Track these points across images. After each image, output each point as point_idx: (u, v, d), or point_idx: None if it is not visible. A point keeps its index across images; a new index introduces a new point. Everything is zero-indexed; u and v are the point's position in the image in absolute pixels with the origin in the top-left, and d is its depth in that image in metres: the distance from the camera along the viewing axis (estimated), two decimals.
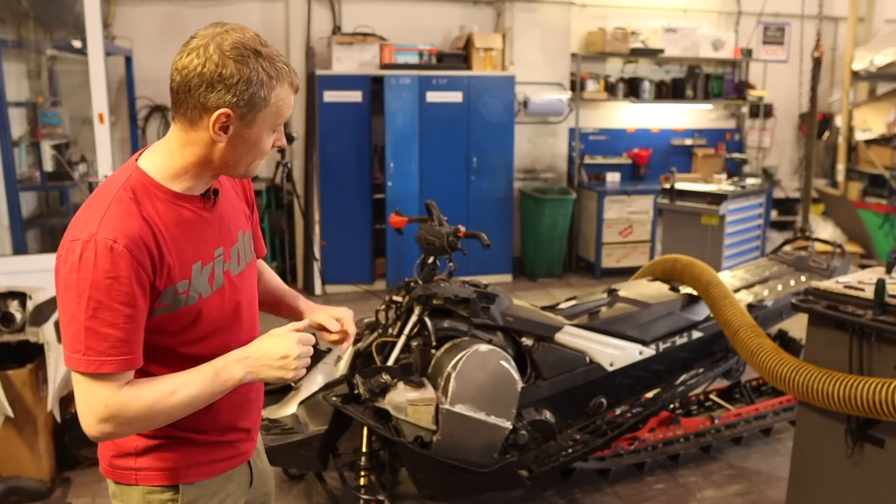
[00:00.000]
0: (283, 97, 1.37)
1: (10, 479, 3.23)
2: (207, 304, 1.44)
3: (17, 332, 3.32)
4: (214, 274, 1.45)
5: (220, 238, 1.48)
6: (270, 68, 1.34)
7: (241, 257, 1.54)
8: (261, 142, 1.39)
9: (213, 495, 1.54)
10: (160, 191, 1.38)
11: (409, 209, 6.15)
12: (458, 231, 2.98)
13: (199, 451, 1.51)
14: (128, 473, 1.50)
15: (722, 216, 5.43)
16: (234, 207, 1.56)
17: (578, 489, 3.39)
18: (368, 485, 2.89)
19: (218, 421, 1.52)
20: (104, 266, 1.27)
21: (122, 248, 1.28)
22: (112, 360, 1.29)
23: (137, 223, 1.32)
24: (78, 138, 5.79)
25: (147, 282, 1.33)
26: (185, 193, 1.41)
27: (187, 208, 1.41)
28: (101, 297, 1.27)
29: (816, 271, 3.91)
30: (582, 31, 7.33)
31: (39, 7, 5.63)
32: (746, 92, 7.72)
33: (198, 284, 1.41)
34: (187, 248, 1.40)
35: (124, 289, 1.28)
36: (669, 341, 3.40)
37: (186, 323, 1.42)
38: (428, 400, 2.74)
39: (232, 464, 1.58)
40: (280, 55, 1.38)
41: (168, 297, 1.37)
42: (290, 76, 1.38)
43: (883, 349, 2.32)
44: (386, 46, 6.41)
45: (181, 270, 1.38)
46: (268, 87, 1.34)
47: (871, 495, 2.42)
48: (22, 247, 5.13)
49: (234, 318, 1.51)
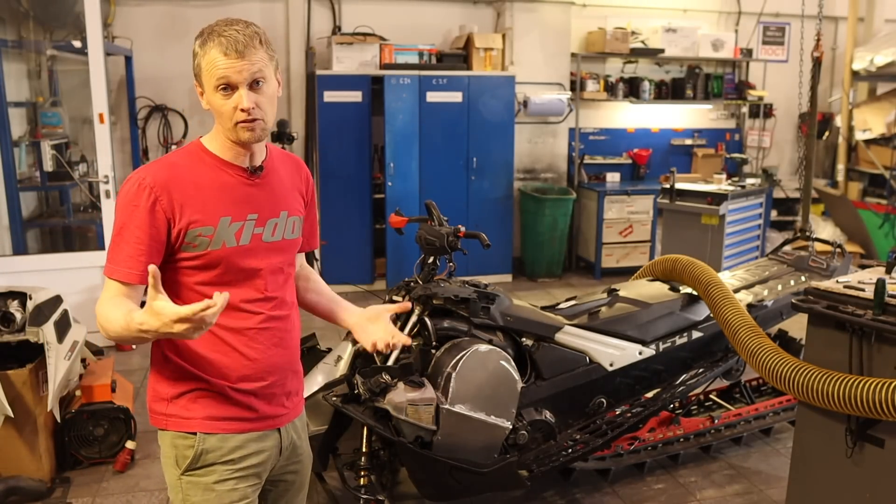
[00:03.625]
0: (211, 60, 1.59)
1: (10, 479, 3.23)
2: (232, 254, 1.65)
3: (17, 332, 3.32)
4: (243, 231, 1.67)
5: (258, 207, 1.70)
6: (204, 40, 1.60)
7: (276, 230, 1.74)
8: (214, 102, 1.62)
9: (233, 451, 1.69)
10: (208, 156, 1.68)
11: (409, 209, 6.14)
12: (458, 231, 2.98)
13: (216, 404, 1.68)
14: (160, 418, 1.70)
15: (722, 216, 5.43)
16: (286, 193, 1.79)
17: (578, 489, 3.39)
18: (368, 485, 2.89)
19: (229, 371, 1.68)
20: (132, 195, 1.60)
21: (147, 184, 1.59)
22: (121, 269, 1.59)
23: (170, 172, 1.63)
24: (78, 138, 5.80)
25: (164, 218, 1.59)
26: (230, 161, 1.68)
27: (229, 174, 1.68)
28: (125, 219, 1.60)
29: (816, 271, 3.90)
30: (582, 31, 7.33)
31: (39, 7, 5.63)
32: (746, 92, 7.72)
33: (223, 234, 1.64)
34: (217, 203, 1.64)
35: (141, 215, 1.58)
36: (669, 341, 3.39)
37: (213, 263, 1.64)
38: (428, 400, 2.74)
39: (253, 426, 1.72)
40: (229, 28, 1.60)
41: (192, 237, 1.62)
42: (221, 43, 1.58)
43: (883, 349, 2.32)
44: (386, 46, 6.41)
45: (207, 218, 1.63)
46: (200, 55, 1.61)
47: (871, 495, 2.42)
48: (22, 247, 5.14)
49: (256, 273, 1.70)
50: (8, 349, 3.35)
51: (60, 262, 5.06)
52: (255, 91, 1.62)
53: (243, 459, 1.70)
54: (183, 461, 1.68)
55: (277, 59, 1.71)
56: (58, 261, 5.10)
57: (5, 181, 4.99)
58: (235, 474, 1.69)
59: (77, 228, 5.80)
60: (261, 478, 1.76)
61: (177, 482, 1.69)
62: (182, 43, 6.46)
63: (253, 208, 1.70)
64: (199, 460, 1.67)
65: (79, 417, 3.50)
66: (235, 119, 1.61)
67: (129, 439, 3.59)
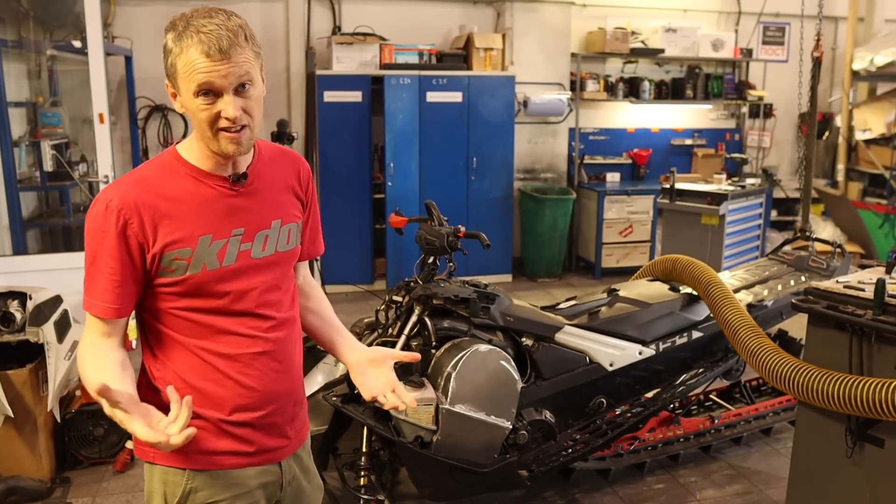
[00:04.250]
0: (190, 61, 1.37)
1: (10, 479, 3.23)
2: (215, 277, 1.49)
3: (17, 332, 3.32)
4: (226, 250, 1.50)
5: (245, 220, 1.53)
6: (178, 35, 1.38)
7: (267, 244, 1.56)
8: (192, 108, 1.42)
9: (226, 488, 1.55)
10: (185, 167, 1.50)
11: (409, 209, 6.14)
12: (458, 231, 2.97)
13: (209, 436, 1.53)
14: (148, 451, 1.56)
15: (722, 216, 5.42)
16: (278, 198, 1.61)
17: (578, 489, 3.39)
18: (368, 485, 2.89)
19: (223, 402, 1.53)
20: (100, 221, 1.44)
21: (114, 207, 1.43)
22: (97, 304, 1.46)
23: (140, 190, 1.45)
24: (78, 138, 5.79)
25: (136, 243, 1.44)
26: (209, 171, 1.50)
27: (209, 185, 1.50)
28: (96, 248, 1.45)
29: (816, 271, 3.90)
30: (582, 31, 7.34)
31: (39, 7, 5.63)
32: (746, 92, 7.72)
33: (203, 255, 1.47)
34: (197, 221, 1.47)
35: (111, 243, 1.43)
36: (669, 341, 3.39)
37: (194, 291, 1.49)
38: (428, 400, 2.74)
39: (251, 461, 1.58)
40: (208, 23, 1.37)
41: (168, 261, 1.46)
42: (201, 40, 1.36)
43: (883, 349, 2.32)
44: (386, 46, 6.41)
45: (184, 239, 1.46)
46: (174, 53, 1.39)
47: (871, 495, 2.42)
48: (22, 247, 5.14)
49: (247, 296, 1.54)
50: (8, 349, 3.35)
51: (60, 262, 5.05)
52: (242, 95, 1.42)
53: (238, 499, 1.56)
54: (172, 498, 1.54)
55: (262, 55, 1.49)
56: (58, 261, 5.09)
57: (5, 181, 4.99)
58: None
59: (77, 228, 5.80)
60: None
61: None
62: None
63: (238, 222, 1.52)
64: (188, 500, 1.53)
65: (79, 417, 3.50)
66: (218, 127, 1.42)
67: (129, 439, 3.58)
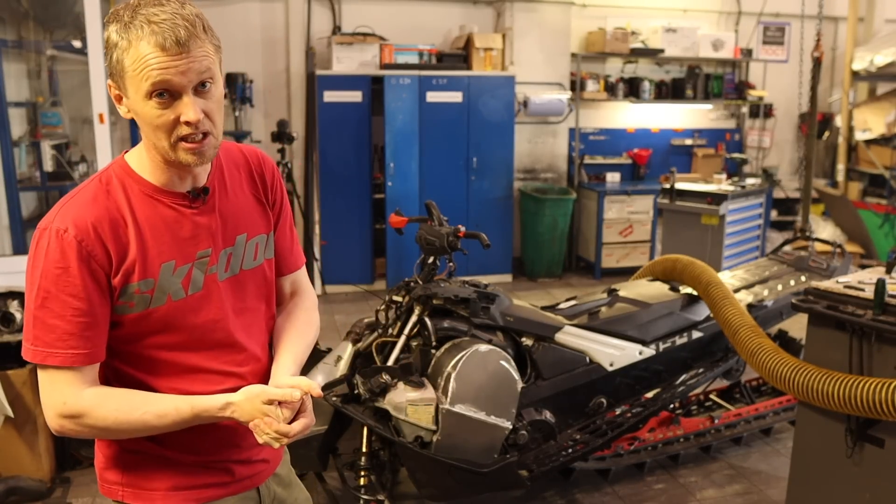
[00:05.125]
0: (141, 57, 1.18)
1: (10, 479, 3.23)
2: (179, 308, 1.32)
3: (17, 332, 3.32)
4: (191, 277, 1.33)
5: (209, 239, 1.36)
6: (125, 26, 1.19)
7: (231, 262, 1.40)
8: (143, 113, 1.22)
9: None
10: (139, 183, 1.31)
11: (409, 209, 6.14)
12: (458, 231, 2.98)
13: (183, 473, 1.39)
14: (114, 489, 1.40)
15: (722, 216, 5.42)
16: (242, 210, 1.43)
17: (578, 489, 3.39)
18: (368, 485, 2.89)
19: (202, 449, 1.40)
20: (54, 255, 1.23)
21: (71, 237, 1.23)
22: (58, 353, 1.25)
23: (96, 214, 1.25)
24: (78, 138, 5.79)
25: (103, 274, 1.26)
26: (164, 188, 1.32)
27: (166, 204, 1.31)
28: (51, 287, 1.24)
29: (816, 271, 3.90)
30: (582, 31, 7.33)
31: (39, 7, 5.63)
32: (746, 92, 7.72)
33: (166, 285, 1.31)
34: (157, 246, 1.30)
35: (73, 280, 1.23)
36: (669, 341, 3.39)
37: (156, 326, 1.32)
38: (428, 400, 2.74)
39: (229, 490, 1.45)
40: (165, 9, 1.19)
41: (128, 294, 1.28)
42: (153, 32, 1.17)
43: (883, 349, 2.32)
44: (386, 46, 6.41)
45: (145, 268, 1.28)
46: (121, 47, 1.20)
47: (871, 495, 2.42)
48: (22, 247, 5.13)
49: (220, 325, 1.38)
50: (8, 349, 3.35)
51: None
52: (202, 96, 1.24)
53: None
54: None
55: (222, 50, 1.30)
56: None
57: (5, 181, 4.99)
58: None
59: None
60: None
61: None
62: None
63: (203, 243, 1.34)
64: None
65: None
66: (178, 135, 1.24)
67: None
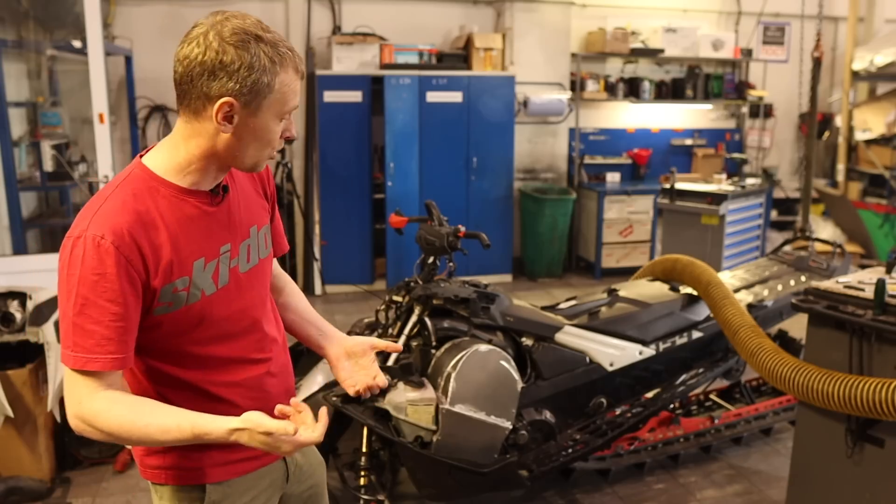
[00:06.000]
0: (287, 83, 1.32)
1: (10, 479, 3.23)
2: (212, 302, 1.41)
3: (17, 332, 3.32)
4: (219, 271, 1.42)
5: (228, 234, 1.44)
6: (273, 53, 1.30)
7: (251, 253, 1.49)
8: (268, 131, 1.34)
9: (242, 494, 1.53)
10: (163, 186, 1.36)
11: (409, 209, 6.14)
12: (458, 231, 2.98)
13: (224, 451, 1.47)
14: (158, 473, 1.50)
15: (722, 216, 5.42)
16: (250, 202, 1.52)
17: (578, 489, 3.39)
18: (368, 485, 2.89)
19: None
20: (91, 262, 1.27)
21: (108, 244, 1.27)
22: (98, 358, 1.29)
23: (129, 219, 1.30)
24: (78, 138, 5.79)
25: (139, 279, 1.30)
26: (190, 188, 1.38)
27: (192, 204, 1.38)
28: (88, 294, 1.27)
29: (816, 271, 3.90)
30: (582, 31, 7.33)
31: (39, 7, 5.63)
32: (746, 92, 7.72)
33: (200, 282, 1.38)
34: (189, 245, 1.36)
35: (111, 286, 1.27)
36: (669, 341, 3.39)
37: (192, 322, 1.39)
38: (428, 400, 2.74)
39: (262, 462, 1.55)
40: (284, 40, 1.33)
41: (167, 295, 1.34)
42: (294, 61, 1.33)
43: (883, 349, 2.32)
44: (386, 46, 6.41)
45: (180, 268, 1.35)
46: (271, 72, 1.29)
47: (871, 495, 2.42)
48: (22, 247, 5.13)
49: (246, 314, 1.48)
50: (8, 349, 3.35)
51: None
52: None
53: (253, 501, 1.55)
54: None
55: None
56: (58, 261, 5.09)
57: (5, 181, 4.99)
58: None
59: None
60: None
61: None
62: None
63: (224, 238, 1.43)
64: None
65: None
66: (273, 148, 1.38)
67: None
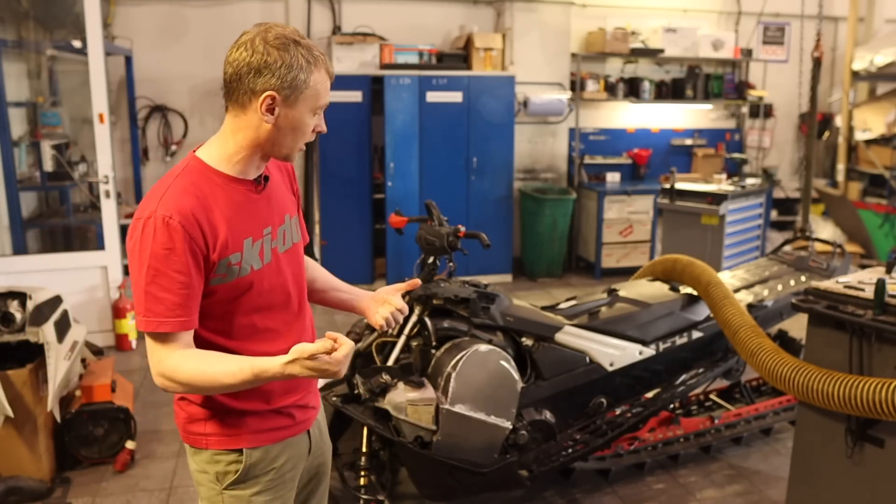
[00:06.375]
0: (320, 81, 1.55)
1: (10, 479, 3.23)
2: (259, 276, 1.62)
3: (17, 332, 3.32)
4: (263, 249, 1.63)
5: (269, 218, 1.65)
6: (308, 55, 1.53)
7: (286, 237, 1.71)
8: (303, 123, 1.56)
9: (275, 458, 1.70)
10: (216, 175, 1.58)
11: (409, 209, 6.15)
12: (458, 231, 2.98)
13: (259, 419, 1.66)
14: (199, 438, 1.67)
15: (722, 216, 5.43)
16: (282, 194, 1.74)
17: (578, 489, 3.39)
18: (368, 485, 2.89)
19: (272, 397, 1.67)
20: (161, 238, 1.47)
21: (176, 223, 1.48)
22: (168, 321, 1.49)
23: (191, 202, 1.51)
24: (78, 138, 5.79)
25: (200, 254, 1.51)
26: (238, 177, 1.60)
27: (239, 190, 1.60)
28: (159, 266, 1.48)
29: (816, 271, 3.91)
30: (582, 31, 7.33)
31: (39, 7, 5.63)
32: (746, 92, 7.72)
33: (249, 257, 1.59)
34: (239, 225, 1.58)
35: (179, 258, 1.48)
36: (669, 341, 3.40)
37: (242, 291, 1.60)
38: (428, 400, 2.74)
39: (292, 431, 1.73)
40: (316, 46, 1.56)
41: (223, 267, 1.55)
42: (325, 63, 1.56)
43: (883, 349, 2.32)
44: (386, 46, 6.41)
45: (234, 244, 1.56)
46: (307, 71, 1.52)
47: (871, 495, 2.42)
48: (22, 247, 5.13)
49: (283, 289, 1.68)
50: (8, 349, 3.35)
51: (60, 262, 5.06)
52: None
53: (283, 466, 1.71)
54: (225, 477, 1.66)
55: None
56: (58, 261, 5.10)
57: (5, 181, 4.99)
58: (277, 483, 1.70)
59: (77, 228, 5.80)
60: (295, 481, 1.78)
61: (217, 497, 1.67)
62: (182, 43, 6.46)
63: (265, 222, 1.65)
64: (247, 475, 1.66)
65: (79, 417, 3.50)
66: (308, 140, 1.61)
67: (129, 439, 3.59)
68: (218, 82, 1.78)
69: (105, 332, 5.08)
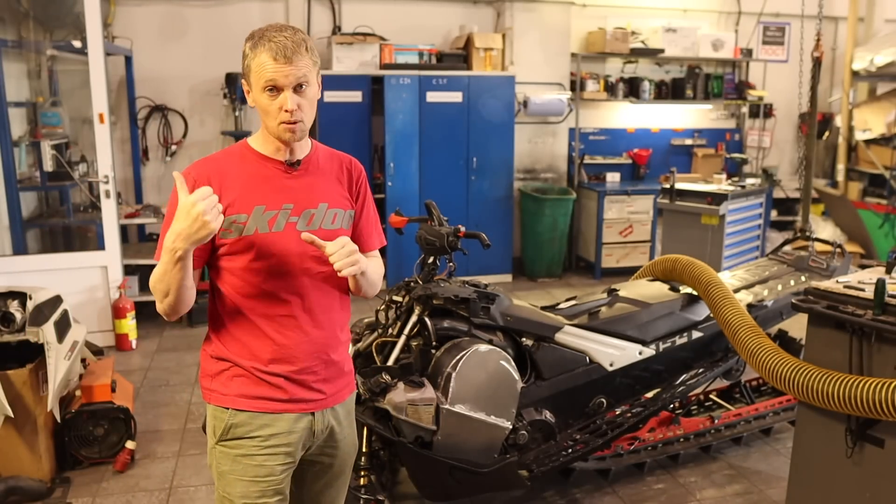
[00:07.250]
0: (261, 63, 1.72)
1: (10, 479, 3.23)
2: (265, 240, 1.79)
3: (17, 332, 3.32)
4: (276, 219, 1.80)
5: (294, 197, 1.84)
6: (253, 42, 1.74)
7: (313, 220, 1.85)
8: (262, 102, 1.76)
9: (259, 428, 1.83)
10: (251, 152, 1.86)
11: (409, 209, 6.14)
12: (458, 231, 2.98)
13: (249, 384, 1.83)
14: (207, 393, 1.90)
15: (722, 216, 5.43)
16: (328, 186, 1.91)
17: (578, 489, 3.39)
18: (368, 485, 2.89)
19: (260, 354, 1.83)
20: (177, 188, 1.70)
21: (192, 176, 1.76)
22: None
23: (211, 166, 1.82)
24: (78, 138, 5.79)
25: None
26: (269, 156, 1.84)
27: (269, 167, 1.84)
28: (171, 209, 1.72)
29: (816, 271, 3.90)
30: (582, 31, 7.34)
31: (39, 7, 5.63)
32: (746, 92, 7.72)
33: (256, 221, 1.79)
34: (254, 193, 1.80)
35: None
36: (669, 341, 3.40)
37: (246, 248, 1.78)
38: (428, 400, 2.74)
39: (284, 407, 1.84)
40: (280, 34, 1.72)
41: (228, 223, 1.76)
42: (271, 45, 1.71)
43: (883, 349, 2.32)
44: (386, 46, 6.41)
45: (242, 206, 1.78)
46: (250, 56, 1.74)
47: (871, 495, 2.42)
48: (22, 247, 5.13)
49: (289, 260, 1.82)
50: (8, 349, 3.35)
51: (60, 262, 5.06)
52: (299, 94, 1.77)
53: (271, 438, 1.83)
54: (217, 431, 1.85)
55: (319, 64, 1.86)
56: (58, 261, 5.10)
57: (5, 181, 4.99)
58: (263, 451, 1.83)
59: (77, 228, 5.80)
60: (293, 457, 1.88)
61: (212, 450, 1.88)
62: (182, 43, 6.46)
63: (288, 199, 1.83)
64: (229, 433, 1.83)
65: (79, 417, 3.50)
66: (280, 119, 1.75)
67: (129, 439, 3.59)
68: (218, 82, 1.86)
69: (105, 332, 5.08)
